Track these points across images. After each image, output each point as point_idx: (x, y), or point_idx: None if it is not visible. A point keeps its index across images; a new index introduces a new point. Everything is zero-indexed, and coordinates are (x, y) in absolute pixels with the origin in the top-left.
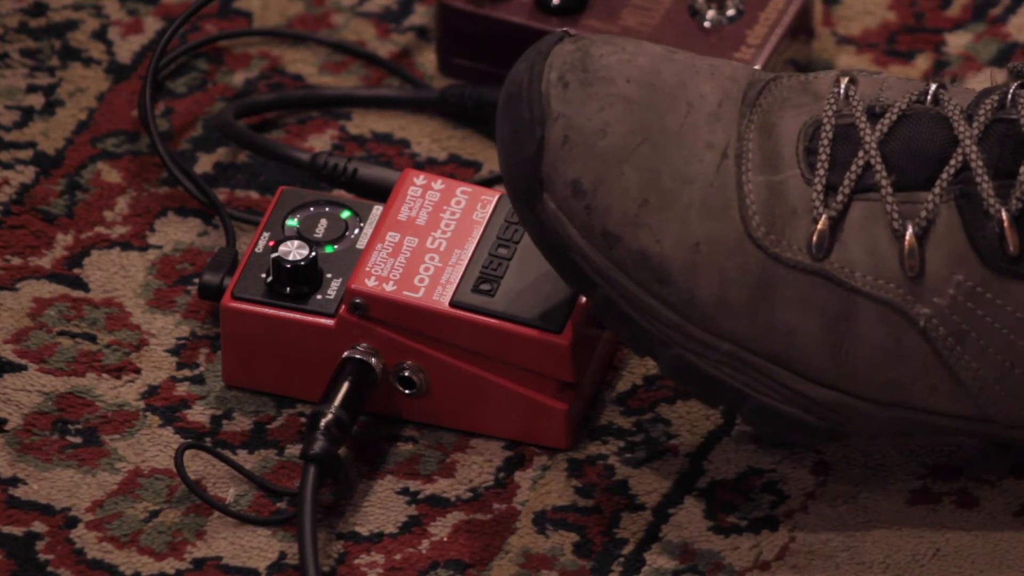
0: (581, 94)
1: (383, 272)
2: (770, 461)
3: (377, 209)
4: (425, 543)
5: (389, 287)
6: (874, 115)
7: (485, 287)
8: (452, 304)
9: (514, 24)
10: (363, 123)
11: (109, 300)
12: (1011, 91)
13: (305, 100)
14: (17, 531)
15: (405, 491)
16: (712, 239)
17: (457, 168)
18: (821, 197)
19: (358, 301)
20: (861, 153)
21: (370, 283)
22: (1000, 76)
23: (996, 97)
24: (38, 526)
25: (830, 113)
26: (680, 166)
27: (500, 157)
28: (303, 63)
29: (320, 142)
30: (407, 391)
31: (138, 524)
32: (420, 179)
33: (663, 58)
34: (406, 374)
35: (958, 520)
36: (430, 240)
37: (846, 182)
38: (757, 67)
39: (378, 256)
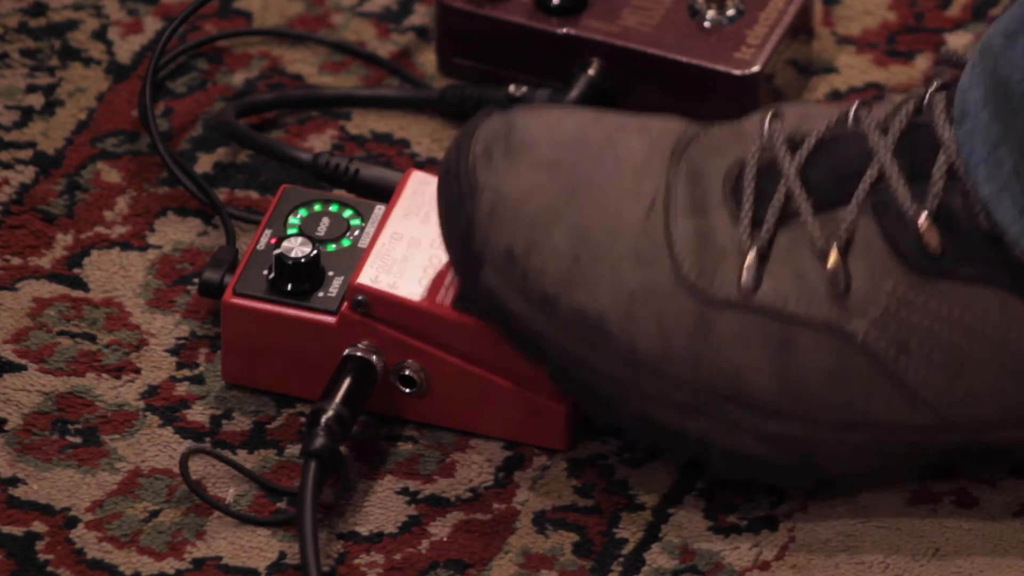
0: (505, 163)
1: (386, 271)
2: None
3: (379, 209)
4: (425, 543)
5: (391, 286)
6: (794, 145)
7: None
8: (454, 304)
9: (514, 24)
10: (363, 123)
11: (109, 300)
12: (927, 96)
13: (305, 100)
14: (17, 531)
15: (405, 491)
16: (645, 287)
17: None
18: (748, 232)
19: (360, 299)
20: (782, 183)
21: (373, 281)
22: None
23: (912, 104)
24: (38, 526)
25: (753, 150)
26: (608, 220)
27: (442, 236)
28: (303, 63)
29: (320, 142)
30: (408, 390)
31: (138, 524)
32: (422, 179)
33: (591, 120)
34: (407, 373)
35: (958, 520)
36: (432, 240)
37: (769, 213)
38: (757, 68)
39: (381, 255)
